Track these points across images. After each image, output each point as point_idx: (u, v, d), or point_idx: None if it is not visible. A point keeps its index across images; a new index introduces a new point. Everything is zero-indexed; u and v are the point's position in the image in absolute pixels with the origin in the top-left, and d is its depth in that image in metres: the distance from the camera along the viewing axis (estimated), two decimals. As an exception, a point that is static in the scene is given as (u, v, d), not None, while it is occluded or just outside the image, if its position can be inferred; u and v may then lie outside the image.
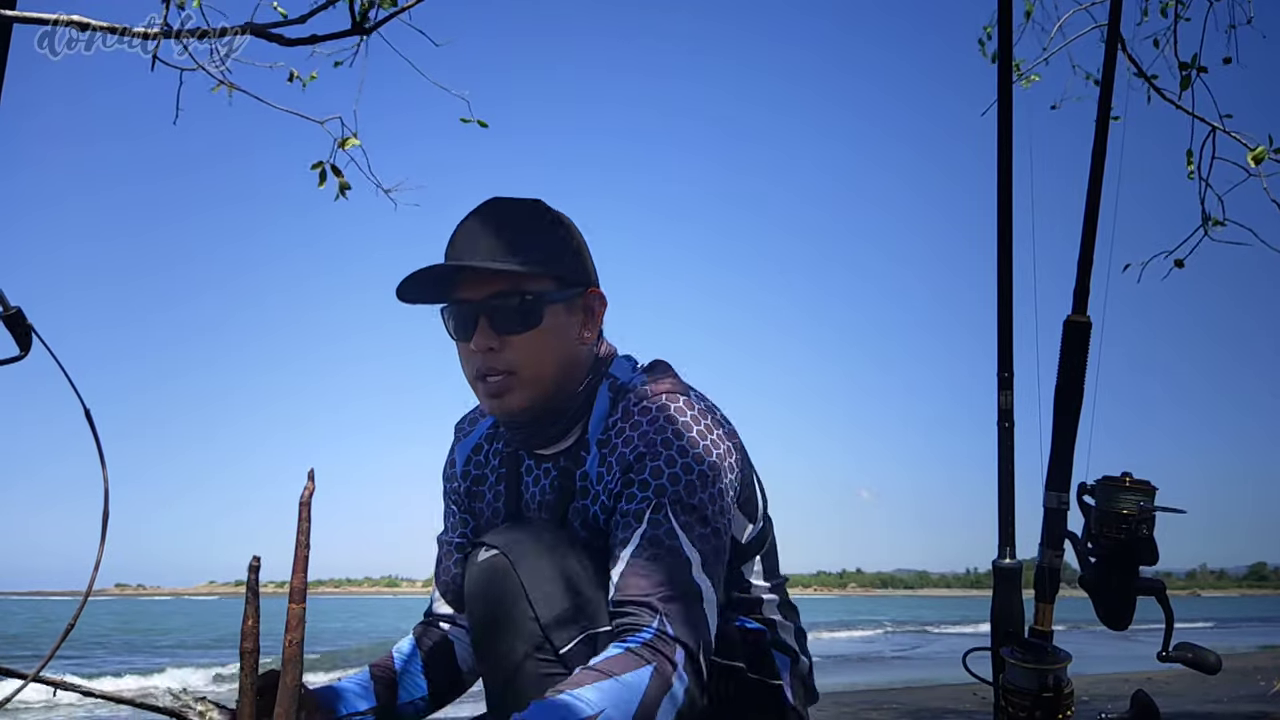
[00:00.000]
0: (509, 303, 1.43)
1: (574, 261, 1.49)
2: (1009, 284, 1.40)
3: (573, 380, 1.50)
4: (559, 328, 1.47)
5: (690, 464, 1.39)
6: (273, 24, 2.84)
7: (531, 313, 1.44)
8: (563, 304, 1.47)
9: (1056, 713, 1.25)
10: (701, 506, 1.37)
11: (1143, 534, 1.23)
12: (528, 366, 1.44)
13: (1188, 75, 4.31)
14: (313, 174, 4.12)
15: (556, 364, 1.47)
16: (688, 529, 1.36)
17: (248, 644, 1.13)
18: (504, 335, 1.44)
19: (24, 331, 1.02)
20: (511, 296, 1.43)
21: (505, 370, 1.44)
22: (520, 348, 1.44)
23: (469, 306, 1.45)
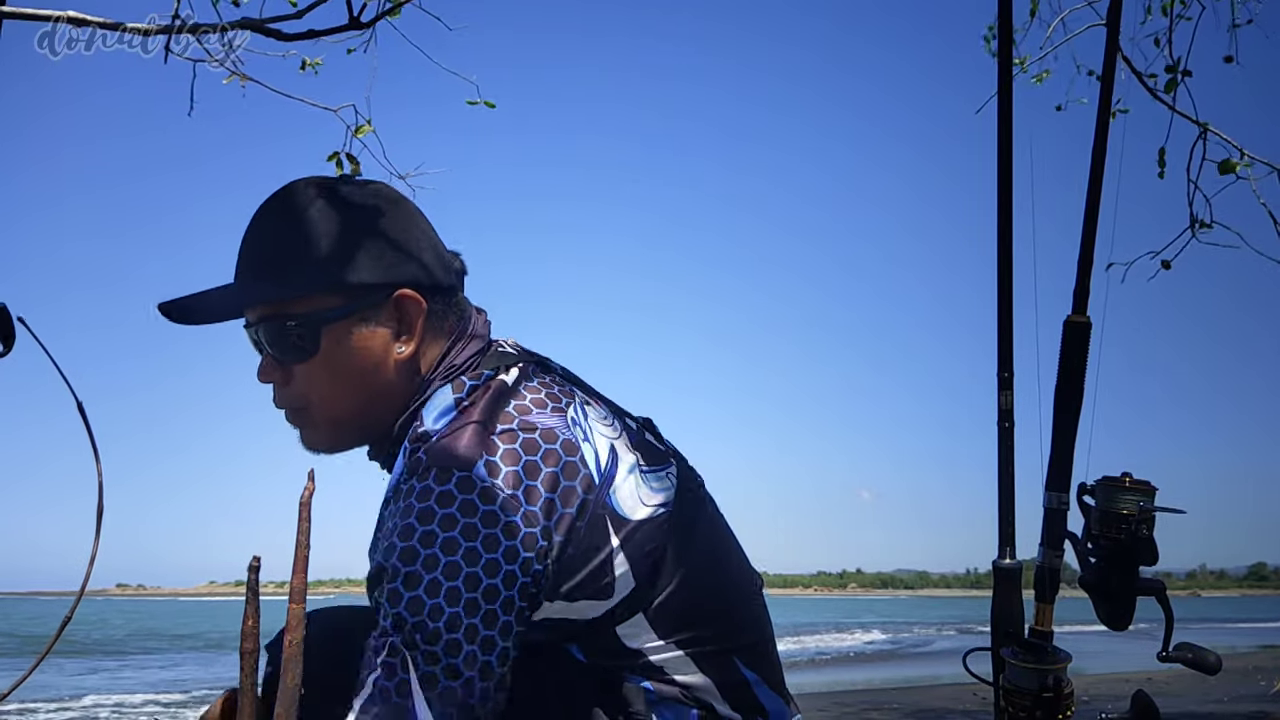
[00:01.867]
0: (275, 329, 1.20)
1: (368, 261, 1.21)
2: (1009, 284, 1.40)
3: (389, 406, 1.24)
4: (348, 350, 1.21)
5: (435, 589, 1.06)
6: (270, 19, 2.84)
7: (303, 340, 1.20)
8: (350, 319, 1.20)
9: (1057, 713, 1.25)
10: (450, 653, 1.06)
11: (1143, 534, 1.23)
12: (316, 401, 1.23)
13: (1172, 78, 4.32)
14: (322, 168, 4.13)
15: (351, 396, 1.23)
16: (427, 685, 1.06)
17: (248, 644, 1.13)
18: (284, 366, 1.22)
19: (8, 327, 1.02)
20: (276, 322, 1.20)
21: (293, 406, 1.25)
22: (302, 380, 1.22)
23: (249, 329, 1.24)
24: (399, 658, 1.05)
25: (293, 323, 1.19)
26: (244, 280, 1.22)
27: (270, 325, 1.20)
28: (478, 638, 1.07)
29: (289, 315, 1.19)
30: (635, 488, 1.23)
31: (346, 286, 1.19)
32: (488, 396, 1.19)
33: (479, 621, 1.07)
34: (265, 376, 1.23)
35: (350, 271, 1.19)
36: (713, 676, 1.27)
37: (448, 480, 1.09)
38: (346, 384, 1.22)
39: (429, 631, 1.05)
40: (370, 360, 1.22)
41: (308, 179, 1.28)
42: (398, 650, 1.05)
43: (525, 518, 1.10)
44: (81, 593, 0.97)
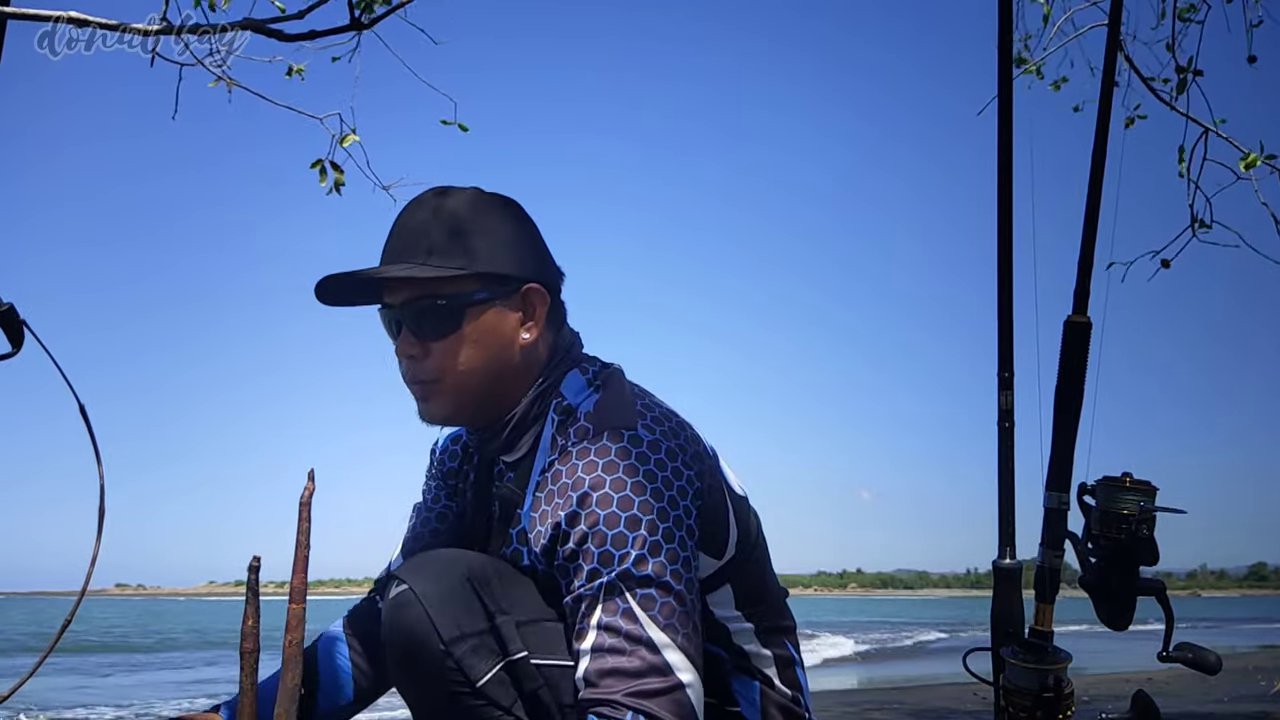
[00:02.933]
0: (423, 308, 1.35)
1: (505, 256, 1.38)
2: (1009, 284, 1.40)
3: (510, 387, 1.40)
4: (484, 331, 1.36)
5: (635, 523, 1.22)
6: (271, 19, 2.84)
7: (449, 318, 1.35)
8: (489, 305, 1.37)
9: (1057, 713, 1.25)
10: (658, 573, 1.22)
11: (1143, 534, 1.23)
12: (449, 374, 1.37)
13: (1183, 79, 4.32)
14: (311, 173, 4.12)
15: (482, 372, 1.37)
16: (647, 605, 1.21)
17: (248, 644, 1.13)
18: (424, 341, 1.37)
19: (16, 327, 1.02)
20: (425, 301, 1.35)
21: (426, 379, 1.38)
22: (441, 354, 1.36)
23: (390, 311, 1.39)
24: (616, 593, 1.21)
25: (441, 301, 1.34)
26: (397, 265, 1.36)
27: (420, 304, 1.35)
28: (678, 558, 1.25)
29: (438, 295, 1.35)
30: (728, 468, 1.45)
31: (488, 275, 1.36)
32: (614, 379, 1.42)
33: (676, 545, 1.25)
34: (405, 351, 1.37)
35: (492, 263, 1.36)
36: (773, 650, 1.47)
37: (621, 439, 1.28)
38: (479, 360, 1.37)
39: (636, 559, 1.22)
40: (501, 341, 1.38)
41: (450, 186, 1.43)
42: (614, 587, 1.21)
43: (686, 463, 1.31)
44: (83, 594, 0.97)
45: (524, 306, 1.40)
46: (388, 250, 1.39)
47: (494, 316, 1.37)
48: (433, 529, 1.60)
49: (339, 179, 4.15)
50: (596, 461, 1.26)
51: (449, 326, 1.35)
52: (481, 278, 1.36)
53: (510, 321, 1.38)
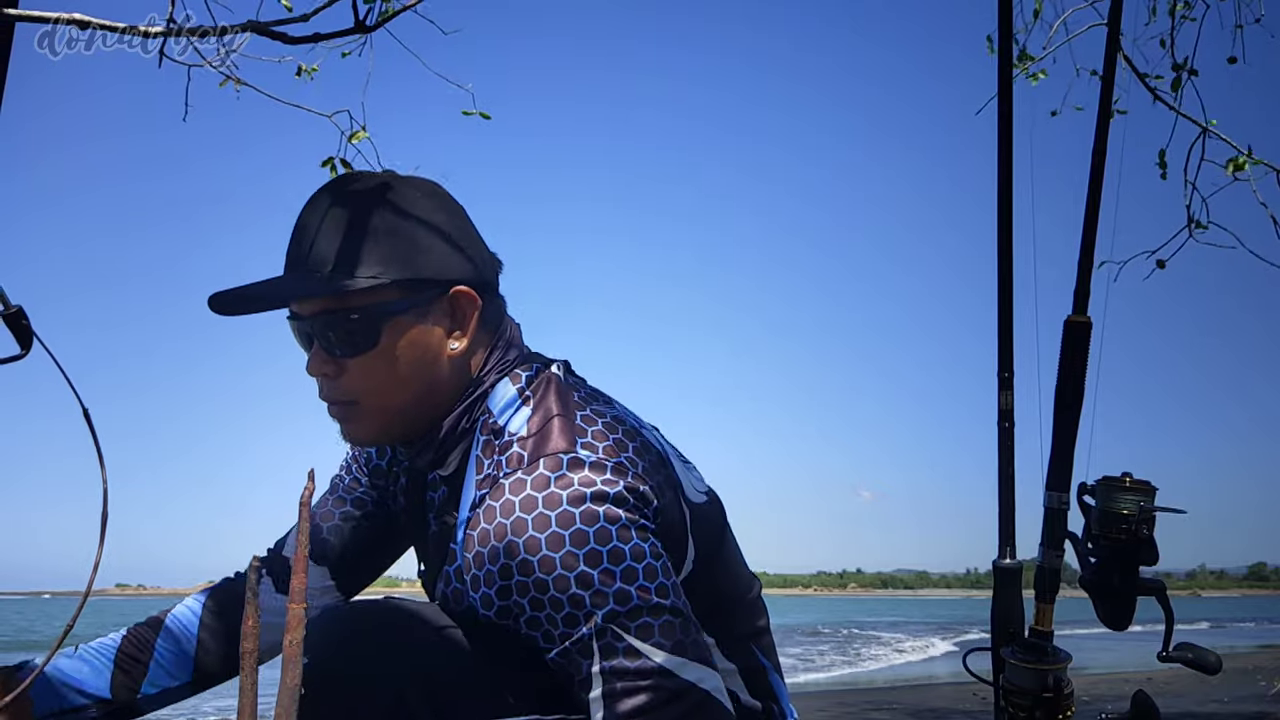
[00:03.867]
0: (335, 322, 1.19)
1: (427, 257, 1.21)
2: (1009, 284, 1.40)
3: (439, 401, 1.25)
4: (406, 346, 1.20)
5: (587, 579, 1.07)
6: (275, 21, 2.85)
7: (364, 333, 1.19)
8: (410, 314, 1.20)
9: (1057, 713, 1.25)
10: (643, 598, 1.08)
11: (1143, 534, 1.23)
12: (368, 395, 1.22)
13: (1178, 77, 4.31)
14: (318, 171, 4.12)
15: (405, 389, 1.22)
16: (645, 634, 1.08)
17: (248, 644, 1.13)
18: (337, 359, 1.21)
19: (24, 330, 1.02)
20: (337, 315, 1.18)
21: (344, 399, 1.23)
22: (357, 373, 1.21)
23: (300, 322, 1.23)
24: (607, 635, 1.07)
25: (355, 316, 1.18)
26: (301, 273, 1.20)
27: (330, 318, 1.19)
28: (654, 572, 1.10)
29: (350, 309, 1.18)
30: (686, 473, 1.28)
31: (408, 282, 1.19)
32: (548, 388, 1.23)
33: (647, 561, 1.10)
34: (318, 369, 1.22)
35: (411, 267, 1.19)
36: (737, 663, 1.31)
37: (559, 466, 1.11)
38: (401, 377, 1.21)
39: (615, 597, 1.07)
40: (426, 355, 1.22)
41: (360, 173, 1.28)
42: (603, 631, 1.07)
43: (638, 477, 1.14)
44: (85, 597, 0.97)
45: (451, 313, 1.23)
46: (290, 256, 1.22)
47: (416, 328, 1.21)
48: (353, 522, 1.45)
49: (349, 174, 4.15)
50: (534, 497, 1.09)
51: (365, 343, 1.19)
52: (400, 285, 1.19)
53: (435, 332, 1.22)
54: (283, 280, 1.22)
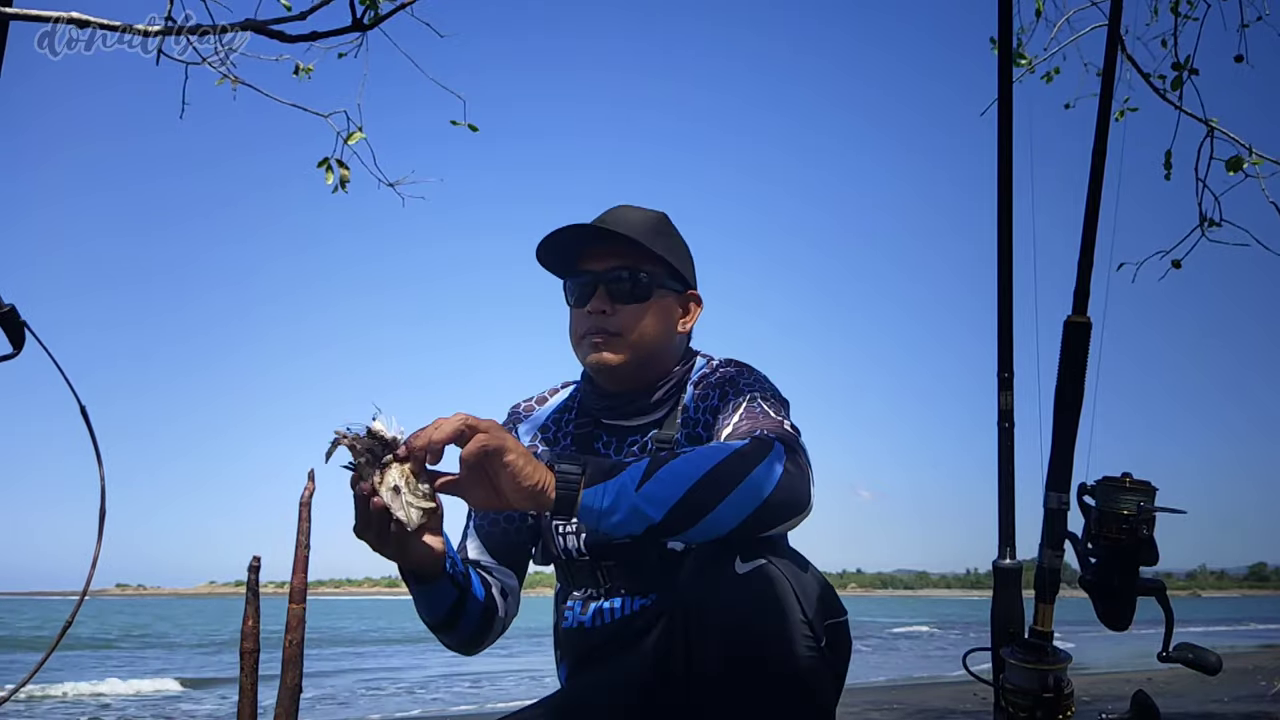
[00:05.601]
0: (625, 276, 1.66)
1: (685, 263, 1.74)
2: (1009, 284, 1.40)
3: (665, 359, 1.71)
4: (663, 310, 1.69)
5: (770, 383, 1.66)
6: (272, 20, 2.84)
7: (644, 288, 1.67)
8: (670, 292, 1.71)
9: (1057, 713, 1.25)
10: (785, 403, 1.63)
11: (1143, 534, 1.23)
12: (631, 331, 1.65)
13: (1179, 76, 4.29)
14: (315, 174, 4.12)
15: (655, 338, 1.67)
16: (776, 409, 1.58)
17: (248, 644, 1.13)
18: (617, 303, 1.66)
19: (17, 329, 1.02)
20: (628, 271, 1.66)
21: (613, 331, 1.65)
22: (628, 315, 1.66)
23: (591, 275, 1.67)
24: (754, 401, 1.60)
25: (643, 275, 1.67)
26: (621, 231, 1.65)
27: (623, 271, 1.66)
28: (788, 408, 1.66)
29: (640, 269, 1.67)
30: None
31: (676, 271, 1.71)
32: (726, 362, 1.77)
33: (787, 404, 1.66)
34: (600, 305, 1.66)
35: (679, 264, 1.72)
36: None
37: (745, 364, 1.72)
38: (652, 330, 1.68)
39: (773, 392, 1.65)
40: (669, 324, 1.71)
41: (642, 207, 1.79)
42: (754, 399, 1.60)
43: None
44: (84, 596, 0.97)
45: (684, 305, 1.75)
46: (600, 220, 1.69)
47: (670, 303, 1.71)
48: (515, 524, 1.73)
49: (345, 176, 4.14)
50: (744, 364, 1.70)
51: (641, 295, 1.67)
52: (672, 270, 1.70)
53: (676, 312, 1.73)
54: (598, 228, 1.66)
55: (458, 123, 4.21)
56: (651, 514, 1.30)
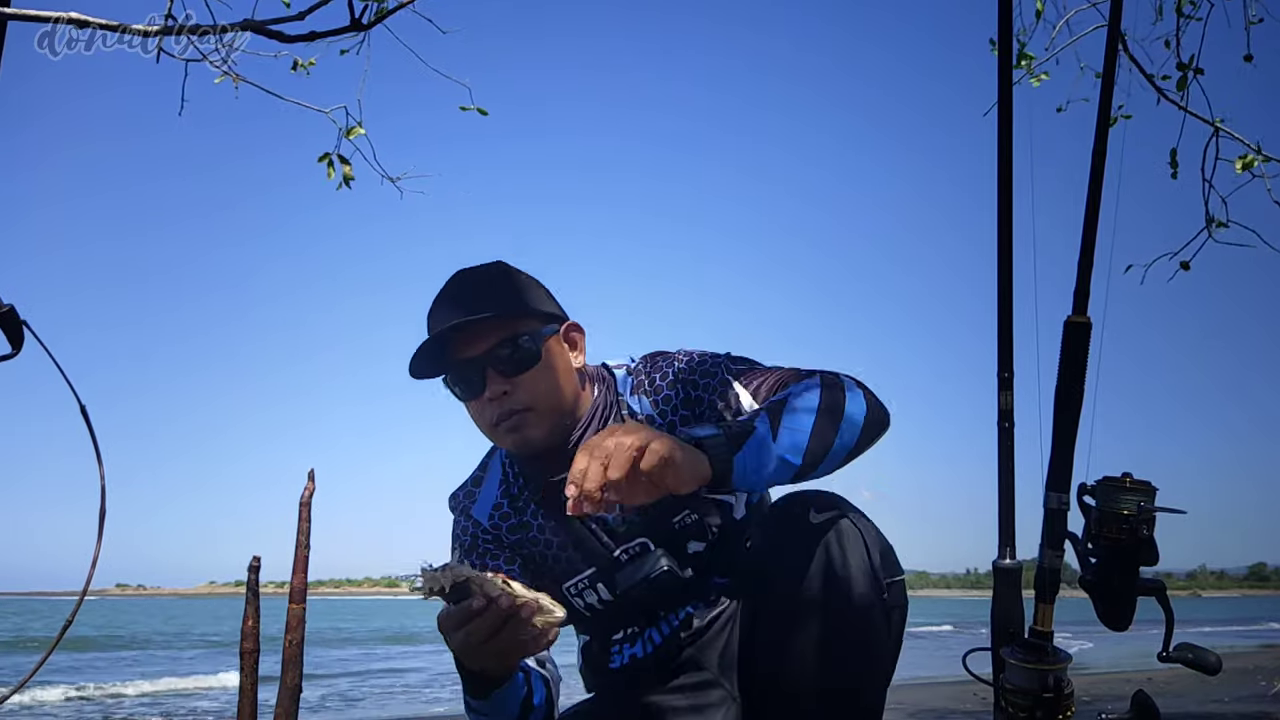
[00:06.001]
0: (508, 347, 1.56)
1: (548, 301, 1.66)
2: (1009, 284, 1.40)
3: (575, 404, 1.63)
4: (554, 360, 1.60)
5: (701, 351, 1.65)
6: (272, 20, 2.84)
7: (531, 353, 1.57)
8: (551, 339, 1.61)
9: (1057, 713, 1.25)
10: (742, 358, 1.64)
11: (1143, 534, 1.23)
12: (540, 400, 1.57)
13: (1184, 76, 4.28)
14: (315, 173, 4.12)
15: (560, 394, 1.60)
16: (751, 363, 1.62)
17: (248, 644, 1.13)
18: (511, 378, 1.56)
19: (16, 329, 1.02)
20: (508, 342, 1.56)
21: (520, 408, 1.57)
22: (528, 384, 1.57)
23: (473, 363, 1.56)
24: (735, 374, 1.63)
25: (524, 339, 1.57)
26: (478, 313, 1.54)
27: (505, 345, 1.56)
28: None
29: (518, 334, 1.57)
30: None
31: (545, 314, 1.63)
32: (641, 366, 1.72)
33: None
34: (497, 389, 1.56)
35: (545, 306, 1.64)
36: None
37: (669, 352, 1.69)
38: (558, 383, 1.60)
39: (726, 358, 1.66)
40: (566, 367, 1.63)
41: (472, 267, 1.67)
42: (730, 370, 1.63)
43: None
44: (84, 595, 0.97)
45: (569, 340, 1.66)
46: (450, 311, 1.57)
47: (557, 348, 1.62)
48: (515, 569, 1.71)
49: (347, 172, 4.14)
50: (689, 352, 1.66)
51: (531, 360, 1.57)
52: (542, 316, 1.62)
53: (565, 352, 1.64)
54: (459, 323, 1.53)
55: (467, 107, 4.20)
56: (793, 460, 1.37)
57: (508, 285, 1.62)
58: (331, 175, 4.13)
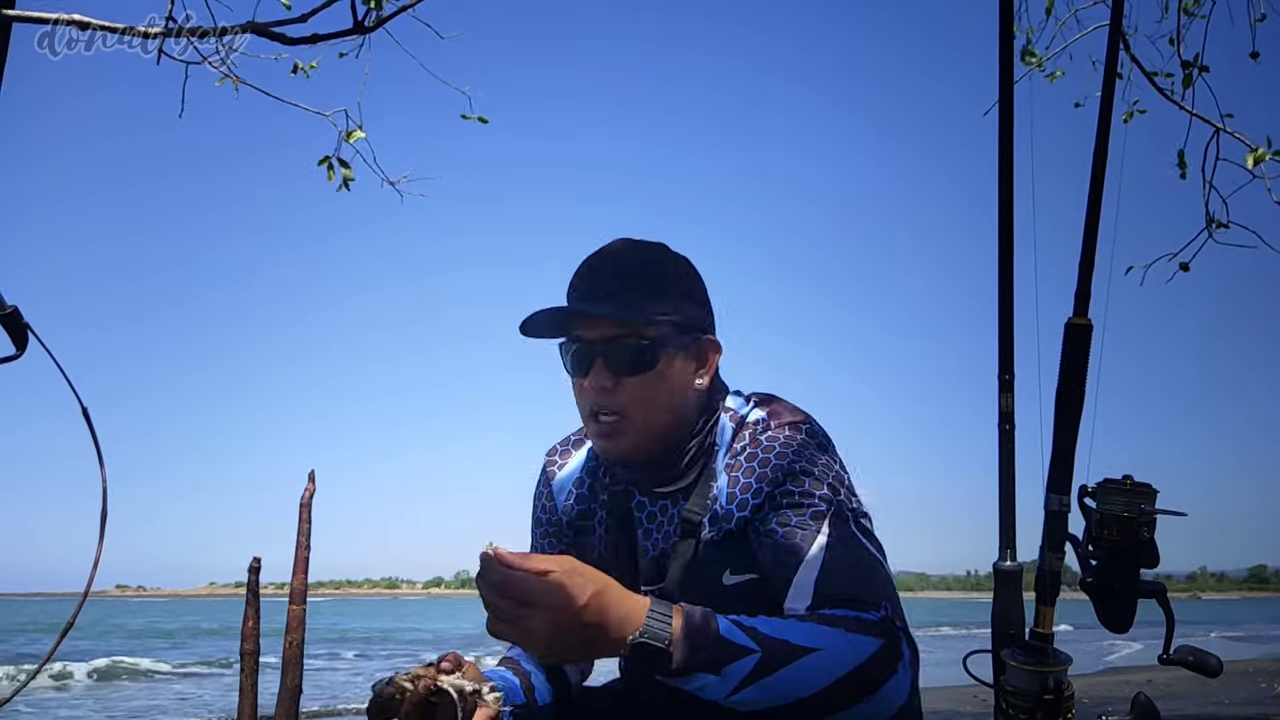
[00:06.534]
0: (625, 346, 1.46)
1: (692, 309, 1.53)
2: (1010, 285, 1.40)
3: (684, 423, 1.52)
4: (673, 373, 1.49)
5: (838, 481, 1.43)
6: (274, 22, 2.84)
7: (645, 358, 1.47)
8: (678, 351, 1.50)
9: (1057, 715, 1.25)
10: (863, 517, 1.42)
11: (1144, 537, 1.23)
12: (638, 409, 1.48)
13: (1189, 74, 4.26)
14: (314, 175, 4.13)
15: (667, 409, 1.49)
16: (866, 535, 1.39)
17: (248, 644, 1.13)
18: (618, 376, 1.47)
19: (20, 330, 1.02)
20: (629, 340, 1.46)
21: (616, 412, 1.48)
22: (633, 390, 1.47)
23: (587, 345, 1.48)
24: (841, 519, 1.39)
25: (645, 342, 1.46)
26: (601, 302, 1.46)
27: (622, 342, 1.46)
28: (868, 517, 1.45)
29: (641, 336, 1.46)
30: None
31: (681, 324, 1.50)
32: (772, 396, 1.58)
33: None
34: (600, 382, 1.47)
35: (682, 313, 1.50)
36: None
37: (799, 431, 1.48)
38: (664, 399, 1.49)
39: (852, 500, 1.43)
40: (683, 384, 1.51)
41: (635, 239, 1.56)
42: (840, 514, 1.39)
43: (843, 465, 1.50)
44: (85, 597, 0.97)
45: (699, 355, 1.53)
46: (587, 287, 1.49)
47: (680, 362, 1.50)
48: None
49: (347, 175, 4.15)
50: (797, 433, 1.46)
51: (644, 365, 1.46)
52: (675, 325, 1.49)
53: (690, 368, 1.52)
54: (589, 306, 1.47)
55: (468, 116, 4.23)
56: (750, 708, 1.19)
57: (653, 279, 1.50)
58: (332, 178, 4.14)
